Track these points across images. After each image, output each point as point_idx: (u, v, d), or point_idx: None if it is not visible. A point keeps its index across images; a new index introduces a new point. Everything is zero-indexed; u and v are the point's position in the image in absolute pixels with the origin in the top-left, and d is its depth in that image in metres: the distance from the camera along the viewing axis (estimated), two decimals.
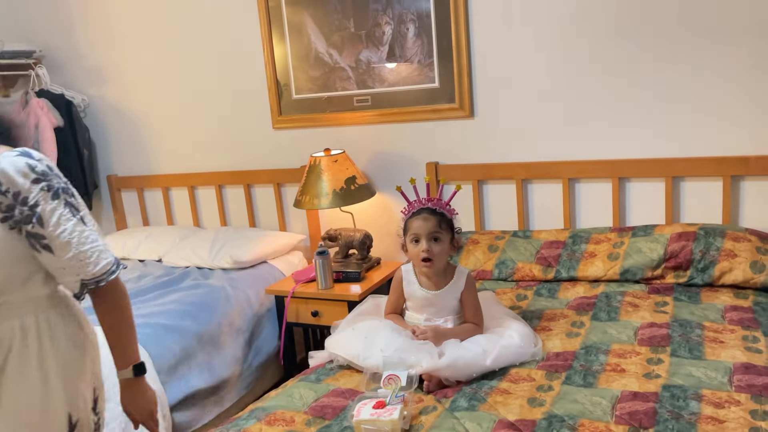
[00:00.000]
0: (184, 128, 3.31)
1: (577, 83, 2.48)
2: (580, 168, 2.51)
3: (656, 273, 2.21)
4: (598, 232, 2.41)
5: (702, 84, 2.30)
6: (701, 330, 1.83)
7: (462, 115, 2.67)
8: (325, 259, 2.53)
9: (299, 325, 2.65)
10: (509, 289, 2.32)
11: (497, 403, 1.56)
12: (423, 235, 1.85)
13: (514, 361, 1.76)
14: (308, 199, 2.68)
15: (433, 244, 1.85)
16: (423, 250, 1.84)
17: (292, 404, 1.68)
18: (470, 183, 2.70)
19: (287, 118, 3.02)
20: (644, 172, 2.42)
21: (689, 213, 2.40)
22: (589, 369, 1.68)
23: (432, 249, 1.84)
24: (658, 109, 2.38)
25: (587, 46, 2.43)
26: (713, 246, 2.16)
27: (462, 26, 2.58)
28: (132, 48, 3.32)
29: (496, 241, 2.52)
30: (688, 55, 2.30)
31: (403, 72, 2.74)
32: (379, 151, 2.88)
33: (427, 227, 1.85)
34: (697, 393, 1.50)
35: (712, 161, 2.31)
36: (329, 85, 2.90)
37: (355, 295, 2.45)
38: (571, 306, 2.12)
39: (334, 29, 2.83)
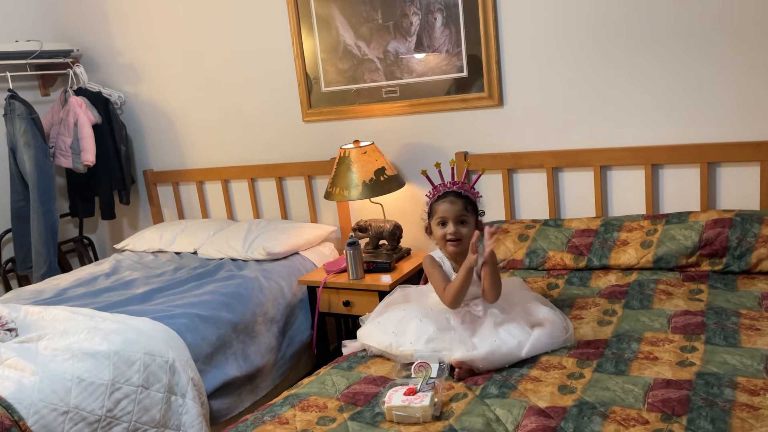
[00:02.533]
0: (216, 123, 3.37)
1: (606, 70, 2.44)
2: (612, 155, 2.48)
3: (691, 260, 2.18)
4: (631, 219, 2.38)
5: (737, 68, 2.24)
6: (737, 317, 1.80)
7: (491, 104, 2.66)
8: (355, 249, 2.56)
9: (331, 314, 2.69)
10: (540, 278, 2.31)
11: (528, 390, 1.57)
12: (450, 218, 1.87)
13: (546, 349, 1.76)
14: (338, 190, 2.71)
15: (460, 227, 1.87)
16: (450, 233, 1.86)
17: (324, 391, 1.71)
18: (500, 172, 2.69)
19: (317, 111, 3.05)
20: (678, 158, 2.38)
21: (725, 199, 2.36)
22: (621, 357, 1.68)
23: (460, 231, 1.86)
24: (692, 94, 2.33)
25: (618, 32, 2.39)
26: (750, 232, 2.11)
27: (490, 15, 2.56)
28: (165, 46, 3.39)
29: (527, 230, 2.51)
30: (722, 41, 2.24)
31: (431, 62, 2.75)
32: (408, 141, 2.89)
33: (454, 210, 1.87)
34: (732, 380, 1.48)
35: (749, 146, 2.26)
36: (358, 77, 2.91)
37: (386, 285, 2.48)
38: (602, 294, 2.10)
39: (362, 21, 2.84)
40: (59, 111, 3.46)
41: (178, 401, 2.14)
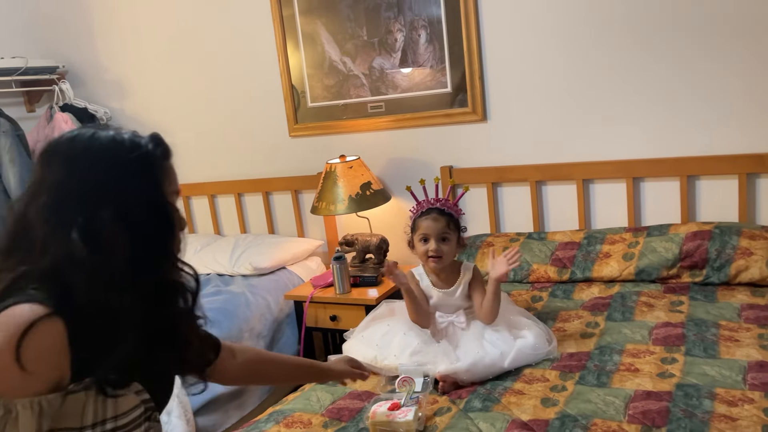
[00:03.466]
0: (202, 138, 3.38)
1: (588, 84, 2.49)
2: (594, 169, 2.52)
3: (672, 272, 2.21)
4: (613, 232, 2.41)
5: (715, 82, 2.29)
6: (717, 329, 1.83)
7: (475, 119, 2.69)
8: (342, 264, 2.57)
9: (318, 329, 2.70)
10: (524, 290, 2.34)
11: (511, 403, 1.58)
12: (432, 235, 1.89)
13: (530, 361, 1.78)
14: (325, 205, 2.72)
15: (442, 244, 1.89)
16: (432, 250, 1.88)
17: (309, 407, 1.72)
18: (485, 186, 2.72)
19: (303, 126, 3.07)
20: (658, 171, 2.42)
21: (705, 212, 2.40)
22: (602, 369, 1.70)
23: (441, 248, 1.88)
24: (672, 108, 2.38)
25: (598, 48, 2.44)
26: (729, 244, 2.15)
27: (473, 31, 2.60)
28: (151, 61, 3.40)
29: (511, 243, 2.54)
30: (702, 55, 2.29)
31: (415, 78, 2.78)
32: (393, 156, 2.91)
33: (436, 228, 1.89)
34: (710, 391, 1.51)
35: (727, 159, 2.30)
36: (343, 93, 2.94)
37: (372, 299, 2.49)
38: (585, 306, 2.13)
39: (347, 37, 2.87)
40: (45, 127, 3.45)
41: (163, 418, 2.13)
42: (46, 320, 0.85)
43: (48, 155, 0.97)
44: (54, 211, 0.92)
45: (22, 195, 0.97)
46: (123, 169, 0.96)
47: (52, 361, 0.85)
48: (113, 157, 0.97)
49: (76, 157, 0.95)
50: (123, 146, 0.98)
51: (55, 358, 0.86)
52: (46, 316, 0.85)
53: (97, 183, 0.94)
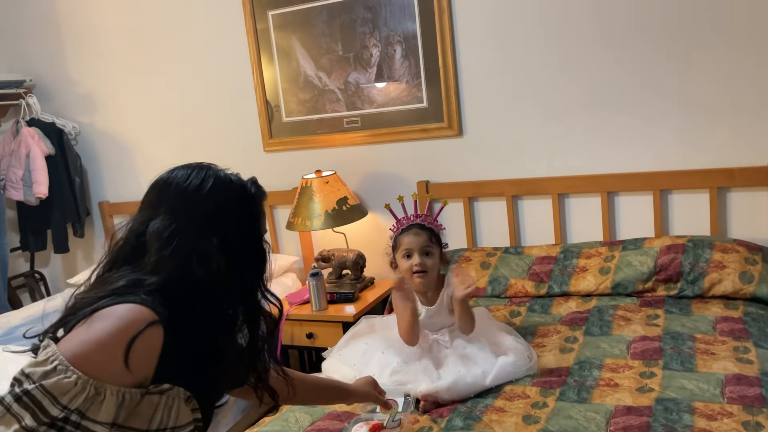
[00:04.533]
0: (175, 153, 3.31)
1: (563, 100, 2.51)
2: (569, 183, 2.54)
3: (647, 286, 2.23)
4: (589, 246, 2.43)
5: (686, 98, 2.34)
6: (693, 342, 1.84)
7: (451, 134, 2.70)
8: (318, 280, 2.54)
9: (294, 347, 2.65)
10: (503, 305, 2.33)
11: (492, 421, 1.57)
12: (415, 250, 1.88)
13: (510, 378, 1.77)
14: (301, 220, 2.69)
15: (426, 258, 1.88)
16: (416, 264, 1.86)
17: (287, 429, 1.68)
18: (461, 200, 2.73)
19: (278, 141, 3.04)
20: (632, 185, 2.45)
21: (678, 225, 2.43)
22: (582, 384, 1.69)
23: (425, 262, 1.87)
24: (644, 123, 2.41)
25: (573, 63, 2.47)
26: (702, 258, 2.18)
27: (448, 47, 2.61)
28: (122, 75, 3.34)
29: (489, 257, 2.54)
30: (672, 72, 2.34)
31: (391, 93, 2.78)
32: (370, 171, 2.90)
33: (419, 242, 1.88)
34: (690, 405, 1.51)
35: (698, 174, 2.34)
36: (319, 108, 2.92)
37: (350, 315, 2.46)
38: (564, 321, 2.13)
39: (322, 52, 2.86)
40: (11, 142, 3.36)
41: None
42: (154, 326, 0.96)
43: (163, 184, 1.14)
44: (172, 234, 1.05)
45: (135, 215, 1.12)
46: (233, 206, 1.12)
47: (148, 363, 0.97)
48: (225, 194, 1.12)
49: (195, 190, 1.11)
50: (232, 185, 1.15)
51: (151, 361, 0.97)
52: (155, 322, 0.97)
53: (211, 215, 1.09)
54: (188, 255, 1.04)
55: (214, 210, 1.10)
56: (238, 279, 1.09)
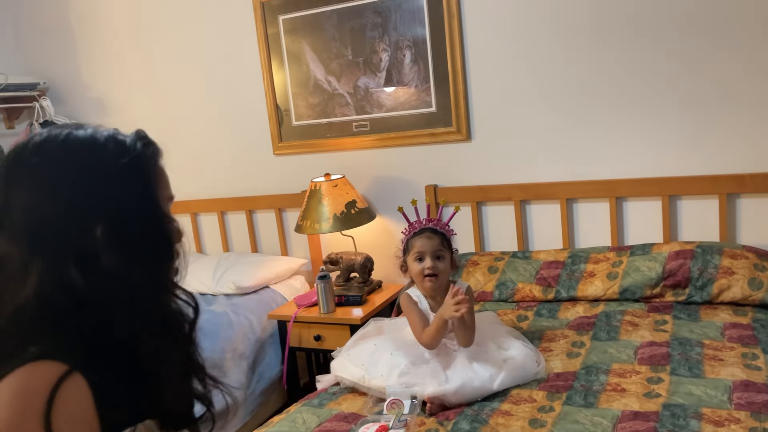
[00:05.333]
0: (186, 156, 3.35)
1: (572, 105, 2.52)
2: (577, 188, 2.54)
3: (655, 291, 2.22)
4: (597, 251, 2.43)
5: (695, 103, 2.34)
6: (701, 348, 1.84)
7: (459, 138, 2.71)
8: (326, 283, 2.55)
9: (302, 349, 2.67)
10: (510, 310, 2.33)
11: (499, 425, 1.57)
12: (427, 253, 1.89)
13: (518, 382, 1.77)
14: (309, 223, 2.70)
15: (437, 262, 1.89)
16: (428, 267, 1.87)
17: (295, 429, 1.69)
18: (469, 205, 2.73)
19: (287, 145, 3.06)
20: (641, 191, 2.45)
21: (687, 231, 2.43)
22: (589, 389, 1.69)
23: (437, 266, 1.88)
24: (654, 128, 2.41)
25: (582, 68, 2.47)
26: (711, 263, 2.17)
27: (457, 51, 2.63)
28: (134, 79, 3.38)
29: (496, 262, 2.54)
30: (682, 76, 2.34)
31: (400, 97, 2.79)
32: (378, 175, 2.91)
33: (431, 245, 1.89)
34: (697, 411, 1.51)
35: (708, 179, 2.34)
36: (328, 112, 2.94)
37: (357, 318, 2.47)
38: (571, 326, 2.13)
39: (332, 57, 2.88)
40: None
41: None
42: (67, 379, 0.70)
43: (12, 170, 0.78)
44: (35, 241, 0.75)
45: None
46: (110, 179, 0.80)
47: (84, 423, 0.73)
48: (96, 164, 0.81)
49: (52, 169, 0.77)
50: (107, 150, 0.83)
51: (87, 418, 0.73)
52: (67, 373, 0.71)
53: (81, 200, 0.78)
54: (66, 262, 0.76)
55: (89, 189, 0.79)
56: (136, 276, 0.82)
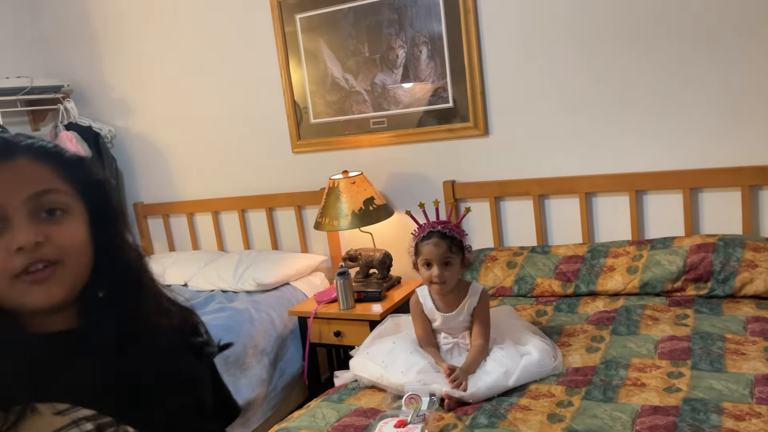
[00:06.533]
0: (206, 155, 3.39)
1: (589, 97, 2.50)
2: (597, 182, 2.52)
3: (676, 285, 2.20)
4: (617, 245, 2.41)
5: (716, 94, 2.30)
6: (722, 342, 1.82)
7: (477, 134, 2.70)
8: (345, 279, 2.57)
9: (322, 345, 2.69)
10: (529, 305, 2.33)
11: (517, 419, 1.57)
12: (434, 261, 1.88)
13: (535, 377, 1.77)
14: (328, 220, 2.73)
15: (445, 269, 1.87)
16: (435, 276, 1.87)
17: (315, 424, 1.71)
18: (487, 200, 2.73)
19: (306, 142, 3.08)
20: (661, 184, 2.42)
21: (708, 224, 2.40)
22: (609, 384, 1.69)
23: (443, 274, 1.87)
24: (673, 120, 2.39)
25: (599, 61, 2.45)
26: (733, 257, 2.15)
27: (474, 47, 2.62)
28: (155, 79, 3.43)
29: (515, 257, 2.54)
30: (702, 68, 2.30)
31: (417, 93, 2.80)
32: (396, 171, 2.92)
33: (438, 253, 1.87)
34: (717, 406, 1.50)
35: (730, 171, 2.31)
36: (346, 109, 2.96)
37: (377, 314, 2.49)
38: (590, 320, 2.12)
39: (349, 54, 2.89)
40: None
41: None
42: None
43: None
44: None
45: None
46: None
47: None
48: None
49: None
50: None
51: None
52: None
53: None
54: None
55: None
56: None
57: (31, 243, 0.77)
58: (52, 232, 0.79)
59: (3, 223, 0.78)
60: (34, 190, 0.79)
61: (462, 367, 1.78)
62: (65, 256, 0.79)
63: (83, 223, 0.83)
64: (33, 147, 0.83)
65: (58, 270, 0.79)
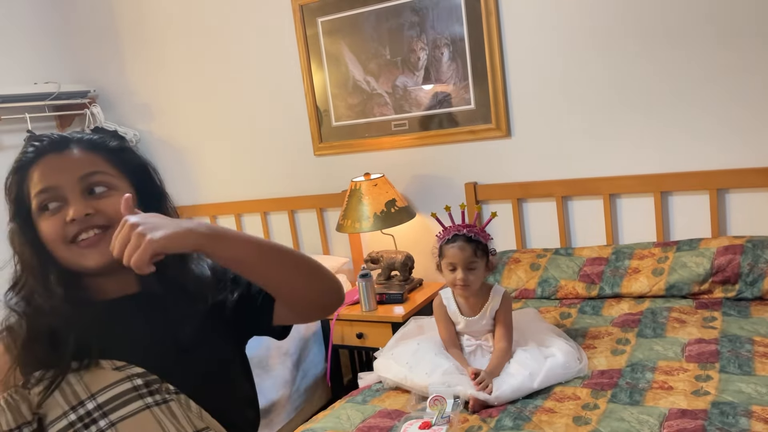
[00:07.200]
0: (229, 158, 3.43)
1: (613, 98, 2.48)
2: (621, 183, 2.50)
3: (703, 288, 2.17)
4: (642, 247, 2.39)
5: (742, 93, 2.27)
6: (751, 345, 1.79)
7: (499, 135, 2.70)
8: (368, 281, 2.58)
9: (345, 347, 2.70)
10: (553, 307, 2.32)
11: (542, 422, 1.57)
12: (459, 265, 1.88)
13: (559, 380, 1.76)
14: (350, 222, 2.74)
15: (469, 273, 1.88)
16: (459, 279, 1.87)
17: (339, 425, 1.72)
18: (510, 202, 2.72)
19: (328, 145, 3.10)
20: (687, 185, 2.39)
21: (735, 225, 2.36)
22: (635, 387, 1.67)
23: (468, 278, 1.87)
24: (699, 120, 2.36)
25: (623, 61, 2.43)
26: (762, 258, 2.11)
27: (496, 48, 2.62)
28: (179, 84, 3.47)
29: (538, 259, 2.52)
30: (729, 66, 2.27)
31: (439, 95, 2.80)
32: (417, 173, 2.93)
33: (463, 257, 1.88)
34: (747, 409, 1.48)
35: (758, 172, 2.27)
36: (367, 112, 2.97)
37: (399, 316, 2.49)
38: (615, 323, 2.10)
39: (370, 57, 2.90)
40: None
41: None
42: None
43: None
44: None
45: None
46: None
47: None
48: None
49: None
50: None
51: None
52: None
53: None
54: None
55: None
56: None
57: (81, 214, 0.94)
58: (100, 205, 0.96)
59: (61, 201, 0.96)
60: (84, 172, 0.97)
61: (486, 369, 1.78)
62: (114, 222, 0.92)
63: None
64: (83, 140, 1.01)
65: (108, 234, 0.91)
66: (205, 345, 1.01)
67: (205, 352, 1.01)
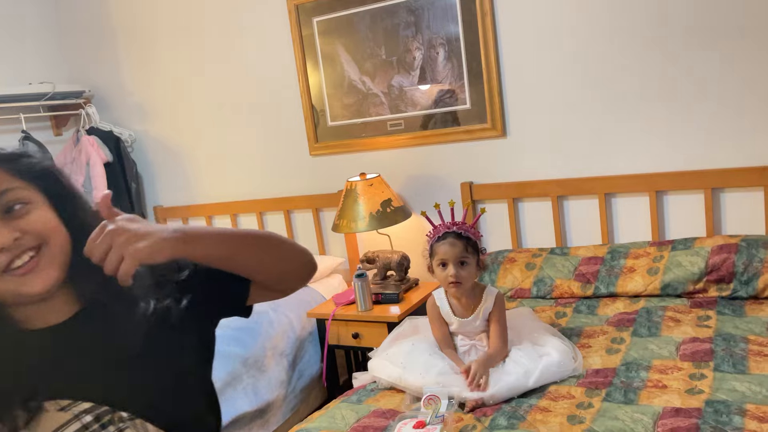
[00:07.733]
0: (225, 158, 3.42)
1: (608, 98, 2.48)
2: (616, 183, 2.50)
3: (698, 286, 2.18)
4: (637, 246, 2.39)
5: (737, 93, 2.28)
6: (745, 344, 1.80)
7: (494, 135, 2.70)
8: (363, 281, 2.58)
9: (341, 347, 2.70)
10: (548, 306, 2.32)
11: (537, 421, 1.57)
12: (450, 260, 1.88)
13: (555, 378, 1.76)
14: (346, 222, 2.74)
15: (461, 269, 1.87)
16: (451, 275, 1.87)
17: (334, 425, 1.72)
18: (505, 201, 2.72)
19: (323, 145, 3.10)
20: (682, 184, 2.40)
21: (730, 224, 2.37)
22: (629, 385, 1.67)
23: (460, 273, 1.87)
24: (694, 120, 2.36)
25: (618, 60, 2.44)
26: (756, 257, 2.12)
27: (491, 48, 2.62)
28: (174, 84, 3.47)
29: (534, 258, 2.52)
30: (725, 66, 2.28)
31: (434, 95, 2.80)
32: (413, 173, 2.93)
33: (454, 252, 1.87)
34: (740, 408, 1.48)
35: (752, 171, 2.28)
36: (363, 111, 2.97)
37: (394, 316, 2.49)
38: (610, 322, 2.11)
39: (366, 57, 2.90)
40: (72, 150, 3.53)
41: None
42: None
43: None
44: None
45: None
46: None
47: None
48: None
49: None
50: None
51: None
52: None
53: None
54: None
55: None
56: None
57: (9, 240, 0.84)
58: (24, 225, 0.86)
59: None
60: None
61: (478, 359, 1.77)
62: (44, 239, 0.86)
63: (48, 208, 0.90)
64: None
65: (45, 254, 0.86)
66: (157, 355, 0.94)
67: (157, 363, 0.94)
